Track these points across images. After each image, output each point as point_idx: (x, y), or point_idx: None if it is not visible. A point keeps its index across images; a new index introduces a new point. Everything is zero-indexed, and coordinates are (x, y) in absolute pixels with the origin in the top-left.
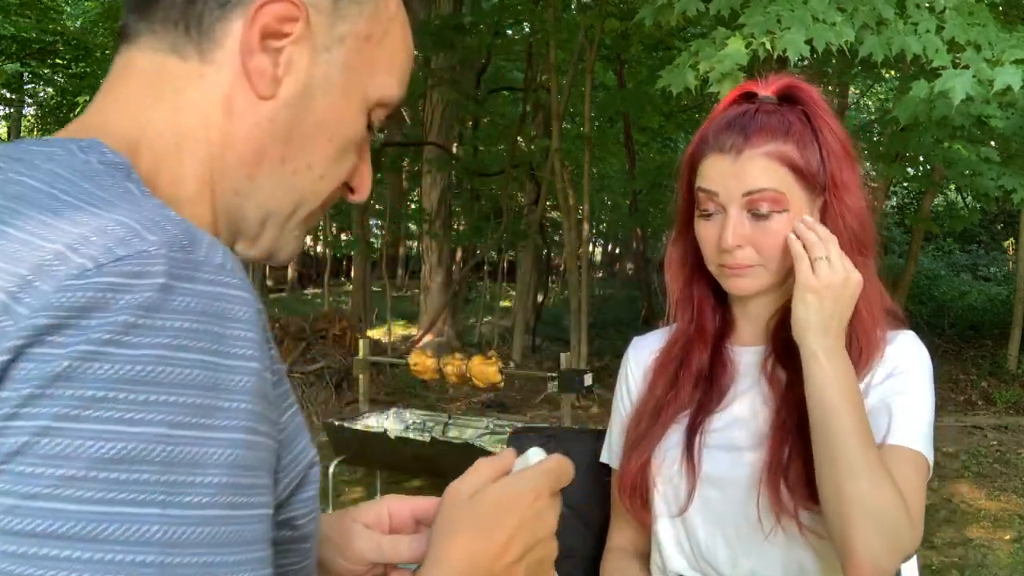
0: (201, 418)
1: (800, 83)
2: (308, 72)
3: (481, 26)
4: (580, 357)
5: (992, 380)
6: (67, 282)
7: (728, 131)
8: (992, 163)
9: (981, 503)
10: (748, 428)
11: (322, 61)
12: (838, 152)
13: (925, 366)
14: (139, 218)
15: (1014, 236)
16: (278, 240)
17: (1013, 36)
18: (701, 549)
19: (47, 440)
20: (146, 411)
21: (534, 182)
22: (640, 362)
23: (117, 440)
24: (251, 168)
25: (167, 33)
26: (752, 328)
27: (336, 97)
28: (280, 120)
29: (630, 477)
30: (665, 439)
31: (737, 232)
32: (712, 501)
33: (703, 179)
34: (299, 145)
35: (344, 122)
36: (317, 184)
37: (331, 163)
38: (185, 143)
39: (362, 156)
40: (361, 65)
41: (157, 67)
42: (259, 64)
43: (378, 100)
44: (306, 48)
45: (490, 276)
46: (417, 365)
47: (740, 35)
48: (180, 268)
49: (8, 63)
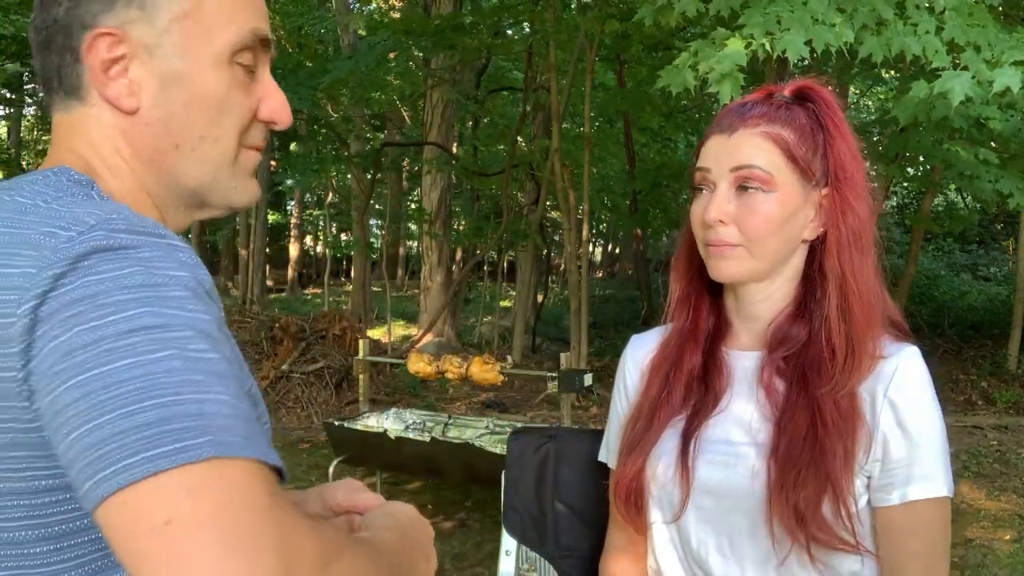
0: (166, 302)
1: (817, 86)
2: (153, 73)
3: (481, 26)
4: (580, 357)
5: (992, 380)
6: (61, 246)
7: (729, 115)
8: (990, 165)
9: (981, 503)
10: (745, 438)
11: (159, 57)
12: (845, 151)
13: (931, 390)
14: (103, 209)
15: (1014, 236)
16: (225, 196)
17: (1012, 37)
18: (695, 556)
19: (81, 327)
20: (136, 303)
21: (534, 182)
22: (638, 361)
23: (128, 320)
24: (159, 163)
25: (58, 98)
26: (749, 332)
27: (187, 76)
28: (154, 119)
29: (625, 483)
30: (660, 444)
31: (721, 207)
32: (706, 510)
33: (700, 158)
34: (181, 128)
35: (206, 88)
36: (217, 145)
37: (215, 124)
38: (109, 163)
39: (252, 92)
40: (195, 37)
41: (67, 121)
42: (113, 91)
43: (231, 49)
44: (141, 56)
45: (490, 276)
46: (418, 373)
47: (739, 36)
48: (135, 228)
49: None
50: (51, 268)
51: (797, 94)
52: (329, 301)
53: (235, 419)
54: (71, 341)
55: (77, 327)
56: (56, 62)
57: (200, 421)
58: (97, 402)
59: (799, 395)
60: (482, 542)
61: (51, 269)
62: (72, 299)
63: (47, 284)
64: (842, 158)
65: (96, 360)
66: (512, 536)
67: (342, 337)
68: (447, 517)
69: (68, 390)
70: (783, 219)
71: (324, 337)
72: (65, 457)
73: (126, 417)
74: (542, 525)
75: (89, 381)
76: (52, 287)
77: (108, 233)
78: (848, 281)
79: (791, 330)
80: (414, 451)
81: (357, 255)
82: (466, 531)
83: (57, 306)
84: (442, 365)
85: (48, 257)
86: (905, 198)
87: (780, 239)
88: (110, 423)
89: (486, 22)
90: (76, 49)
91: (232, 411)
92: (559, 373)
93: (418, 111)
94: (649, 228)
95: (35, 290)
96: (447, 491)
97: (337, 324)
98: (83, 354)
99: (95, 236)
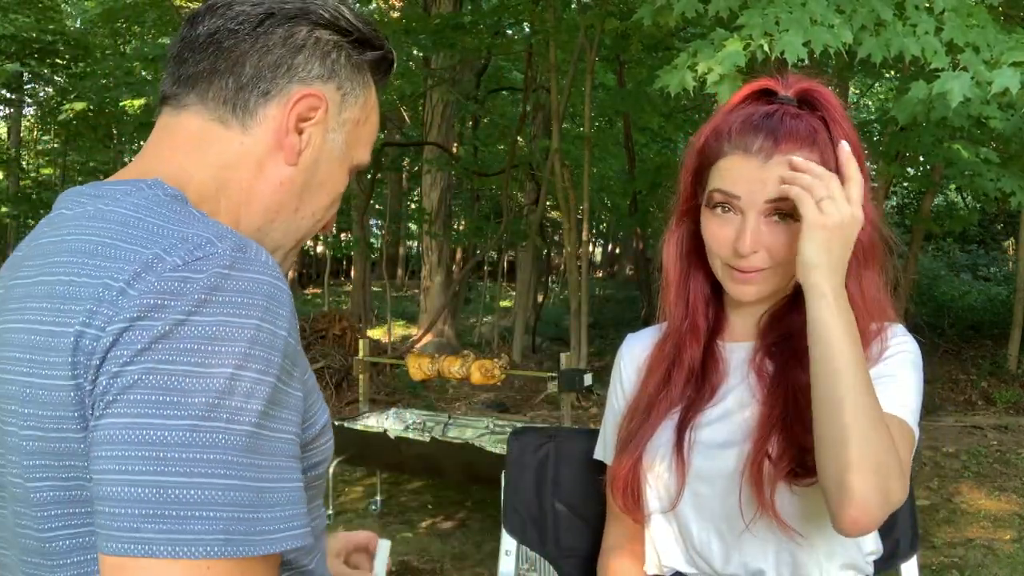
0: (252, 363)
1: (820, 87)
2: (320, 147)
3: (481, 26)
4: (580, 357)
5: (992, 380)
6: (164, 274)
7: (755, 133)
8: (991, 164)
9: (981, 503)
10: (736, 423)
11: (329, 139)
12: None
13: (912, 351)
14: (208, 231)
15: (1014, 236)
16: (281, 264)
17: (1012, 38)
18: (695, 544)
19: (151, 377)
20: (217, 358)
21: (534, 182)
22: (634, 358)
23: (198, 377)
24: (273, 215)
25: (217, 108)
26: (744, 324)
27: (335, 165)
28: (298, 181)
29: (622, 475)
30: (656, 436)
31: (756, 238)
32: (702, 496)
33: (723, 180)
34: (307, 199)
35: (338, 182)
36: (313, 226)
37: (325, 210)
38: (223, 190)
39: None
40: (353, 141)
41: (204, 131)
42: (291, 141)
43: (357, 165)
44: (321, 129)
45: (490, 276)
46: (417, 376)
47: (738, 37)
48: (238, 262)
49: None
50: (149, 295)
51: (803, 98)
52: (329, 301)
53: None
54: (147, 383)
55: (157, 373)
56: (239, 84)
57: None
58: (153, 459)
59: (785, 375)
60: (482, 542)
61: (149, 296)
62: (163, 336)
63: (143, 309)
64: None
65: (156, 412)
66: (512, 536)
67: (342, 337)
68: (447, 517)
69: (126, 430)
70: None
71: (324, 337)
72: (97, 485)
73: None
74: (542, 525)
75: (147, 432)
76: (145, 314)
77: (210, 265)
78: (851, 292)
79: (785, 318)
80: (414, 451)
81: (357, 255)
82: (466, 531)
83: (149, 337)
84: (440, 368)
85: (149, 282)
86: (905, 198)
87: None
88: (152, 487)
89: (486, 22)
90: (279, 93)
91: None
92: (559, 373)
93: (418, 111)
94: (649, 228)
95: (128, 313)
96: (447, 491)
97: (337, 324)
98: (146, 395)
99: (196, 272)
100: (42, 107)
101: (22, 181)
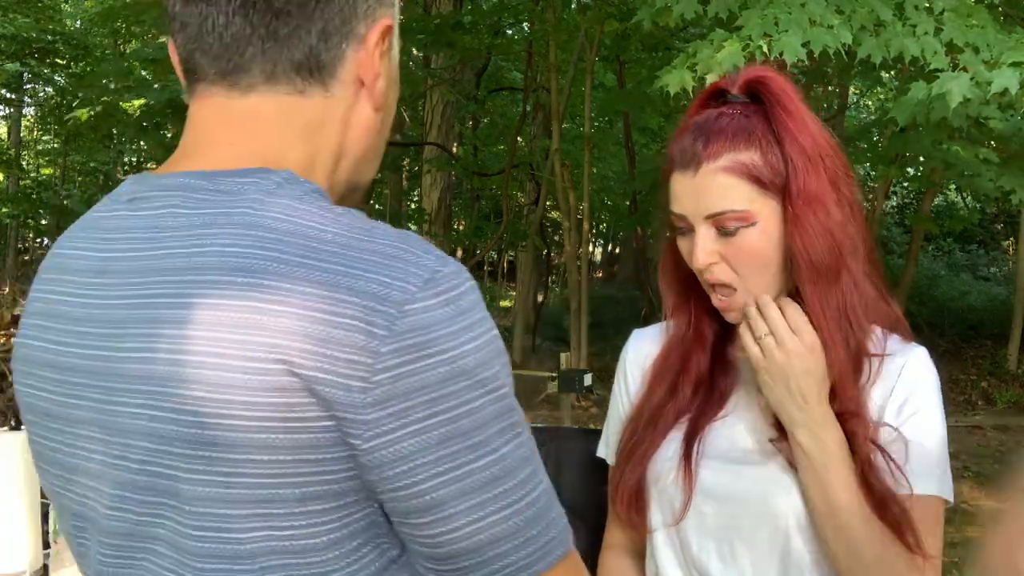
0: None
1: (767, 74)
2: (388, 72)
3: (481, 26)
4: (580, 357)
5: (992, 380)
6: (405, 307)
7: (686, 143)
8: (991, 164)
9: (981, 503)
10: (748, 443)
11: (392, 56)
12: (803, 158)
13: (937, 392)
14: (419, 247)
15: (1014, 236)
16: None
17: (1011, 38)
18: (695, 561)
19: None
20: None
21: (534, 182)
22: (639, 357)
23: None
24: (369, 161)
25: (289, 81)
26: None
27: (395, 88)
28: (382, 120)
29: (627, 487)
30: (663, 448)
31: (706, 250)
32: (707, 515)
33: (671, 200)
34: (387, 129)
35: (396, 93)
36: (385, 142)
37: (390, 127)
38: (317, 160)
39: None
40: (394, 41)
41: (284, 108)
42: (380, 85)
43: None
44: (388, 55)
45: (490, 276)
46: None
47: (737, 37)
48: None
49: (8, 63)
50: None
51: (749, 91)
52: None
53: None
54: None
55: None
56: (312, 40)
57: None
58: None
59: None
60: None
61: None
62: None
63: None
64: (802, 169)
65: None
66: None
67: None
68: None
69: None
70: (771, 247)
71: None
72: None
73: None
74: None
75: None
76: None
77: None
78: (814, 310)
79: None
80: None
81: None
82: None
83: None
84: None
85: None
86: (905, 198)
87: (775, 266)
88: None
89: (486, 21)
90: (360, 35)
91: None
92: (559, 373)
93: (418, 111)
94: (649, 228)
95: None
96: None
97: None
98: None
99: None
100: (42, 107)
101: (22, 181)
